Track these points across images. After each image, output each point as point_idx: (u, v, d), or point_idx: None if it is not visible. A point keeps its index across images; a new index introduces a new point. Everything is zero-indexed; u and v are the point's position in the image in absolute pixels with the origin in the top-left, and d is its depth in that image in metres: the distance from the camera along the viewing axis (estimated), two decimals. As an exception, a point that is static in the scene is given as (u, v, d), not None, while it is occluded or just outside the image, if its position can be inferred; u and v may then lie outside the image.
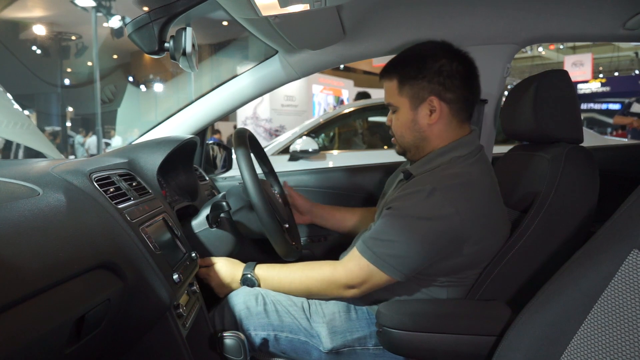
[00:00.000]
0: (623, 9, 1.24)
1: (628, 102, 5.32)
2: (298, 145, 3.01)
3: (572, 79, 1.07)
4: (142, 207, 0.90)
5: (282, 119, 10.31)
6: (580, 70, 13.79)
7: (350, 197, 1.74)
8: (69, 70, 13.83)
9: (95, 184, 0.82)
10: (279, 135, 4.88)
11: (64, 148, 11.08)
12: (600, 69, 17.60)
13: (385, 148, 3.61)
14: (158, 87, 14.59)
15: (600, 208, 0.97)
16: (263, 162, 1.39)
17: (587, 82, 14.32)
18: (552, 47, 16.27)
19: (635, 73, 16.91)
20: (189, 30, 0.90)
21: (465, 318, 0.93)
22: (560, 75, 1.07)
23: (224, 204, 1.13)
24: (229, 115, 3.30)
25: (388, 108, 1.12)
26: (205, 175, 1.59)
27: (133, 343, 0.87)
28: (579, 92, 14.15)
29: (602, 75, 16.08)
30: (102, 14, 9.53)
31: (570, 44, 15.60)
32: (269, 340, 1.04)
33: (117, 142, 10.06)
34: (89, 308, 0.62)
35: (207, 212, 1.16)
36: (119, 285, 0.72)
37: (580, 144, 1.07)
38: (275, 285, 1.10)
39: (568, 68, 12.93)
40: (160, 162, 1.06)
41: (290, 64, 1.48)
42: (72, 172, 0.81)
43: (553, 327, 0.66)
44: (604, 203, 0.98)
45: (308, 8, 0.92)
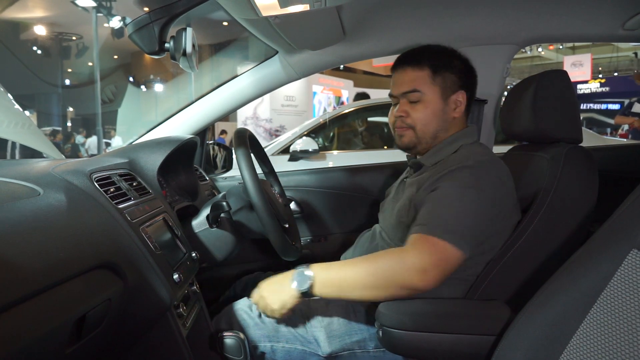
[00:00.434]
0: (622, 10, 1.24)
1: (629, 102, 5.32)
2: (298, 146, 3.01)
3: (571, 79, 1.07)
4: (142, 207, 0.90)
5: (282, 119, 10.30)
6: (580, 71, 13.78)
7: (350, 197, 1.74)
8: (70, 71, 13.85)
9: (96, 184, 0.82)
10: (279, 135, 4.88)
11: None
12: (600, 69, 17.60)
13: (385, 148, 3.61)
14: (158, 87, 14.59)
15: (600, 208, 0.97)
16: (263, 162, 1.39)
17: (586, 82, 14.33)
18: (551, 47, 16.27)
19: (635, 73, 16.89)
20: (189, 31, 0.90)
21: (465, 318, 0.93)
22: (560, 76, 1.07)
23: (224, 204, 1.13)
24: (229, 116, 3.30)
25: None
26: (206, 175, 1.59)
27: (133, 343, 0.87)
28: (579, 92, 14.16)
29: (601, 76, 16.08)
30: (102, 15, 9.54)
31: (570, 44, 15.58)
32: (266, 353, 1.03)
33: (117, 142, 10.06)
34: (90, 308, 0.62)
35: (207, 212, 1.16)
36: (120, 285, 0.72)
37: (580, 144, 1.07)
38: (335, 280, 0.94)
39: (567, 68, 12.93)
40: (161, 162, 1.07)
41: (290, 65, 1.48)
42: (72, 172, 0.81)
43: (552, 326, 0.66)
44: (603, 203, 0.98)
45: (308, 8, 0.92)
